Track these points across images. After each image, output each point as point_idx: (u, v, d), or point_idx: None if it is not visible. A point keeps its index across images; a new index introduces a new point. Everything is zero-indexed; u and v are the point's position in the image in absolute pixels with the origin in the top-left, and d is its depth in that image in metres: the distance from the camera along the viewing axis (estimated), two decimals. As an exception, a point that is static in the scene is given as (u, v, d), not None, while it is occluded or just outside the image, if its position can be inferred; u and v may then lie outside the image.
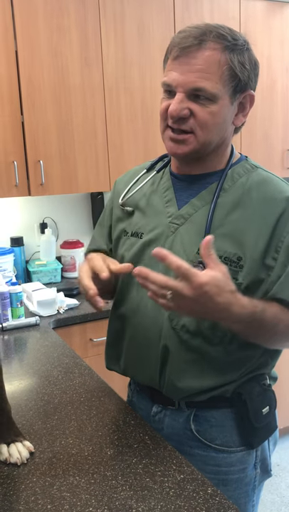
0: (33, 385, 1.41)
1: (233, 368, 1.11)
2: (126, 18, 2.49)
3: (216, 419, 1.16)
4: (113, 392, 1.33)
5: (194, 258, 1.08)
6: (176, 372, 1.12)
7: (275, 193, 1.07)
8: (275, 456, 2.92)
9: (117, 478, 0.97)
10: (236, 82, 1.04)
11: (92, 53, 2.43)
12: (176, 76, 1.03)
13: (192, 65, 1.02)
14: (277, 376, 1.24)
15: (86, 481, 0.96)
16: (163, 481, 0.95)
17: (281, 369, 3.00)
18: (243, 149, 2.95)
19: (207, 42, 1.01)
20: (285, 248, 1.05)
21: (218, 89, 1.02)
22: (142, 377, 1.21)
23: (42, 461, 1.03)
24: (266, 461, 1.22)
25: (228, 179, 1.12)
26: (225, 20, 2.74)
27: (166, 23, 2.60)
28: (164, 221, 1.14)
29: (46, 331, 1.93)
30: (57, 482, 0.96)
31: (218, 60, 1.01)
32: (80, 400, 1.29)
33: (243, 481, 1.18)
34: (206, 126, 1.04)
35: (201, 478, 0.96)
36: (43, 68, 2.32)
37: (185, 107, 1.03)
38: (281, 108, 3.06)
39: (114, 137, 2.55)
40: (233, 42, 1.03)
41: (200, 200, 1.12)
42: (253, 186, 1.09)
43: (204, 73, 1.01)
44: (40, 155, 2.36)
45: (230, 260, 1.05)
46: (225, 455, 1.16)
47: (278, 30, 2.96)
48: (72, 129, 2.43)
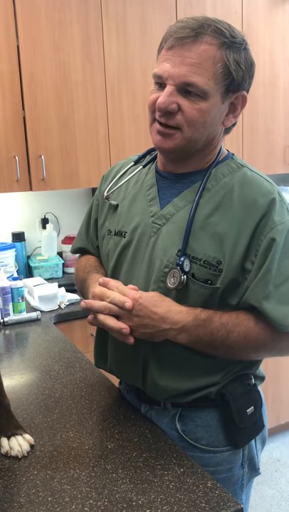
0: (34, 380, 1.41)
1: (216, 369, 1.10)
2: (128, 15, 2.49)
3: (202, 419, 1.15)
4: (114, 387, 1.33)
5: (173, 260, 1.06)
6: (158, 374, 1.11)
7: (257, 195, 1.04)
8: (276, 452, 2.93)
9: (117, 472, 0.97)
10: (230, 81, 1.01)
11: (94, 49, 2.43)
12: (168, 68, 1.00)
13: (186, 57, 0.98)
14: (265, 375, 1.23)
15: (87, 474, 0.97)
16: (163, 475, 0.96)
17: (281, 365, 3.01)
18: (245, 145, 2.94)
19: (204, 35, 0.98)
20: (261, 253, 1.02)
21: (210, 86, 0.99)
22: (127, 377, 1.22)
23: (43, 455, 1.04)
24: (254, 459, 1.21)
25: (212, 178, 1.09)
26: (227, 16, 2.73)
27: (168, 20, 2.58)
28: (147, 221, 1.12)
29: (47, 325, 1.93)
30: (57, 475, 0.97)
31: (213, 56, 0.98)
32: (80, 394, 1.30)
33: (230, 481, 1.17)
34: (193, 124, 1.01)
35: (200, 472, 0.97)
36: (45, 64, 2.32)
37: (174, 101, 1.00)
38: (283, 103, 3.05)
39: (116, 133, 2.54)
40: (230, 39, 0.99)
41: (182, 200, 1.10)
42: (235, 187, 1.06)
43: (197, 68, 0.98)
44: (41, 150, 2.36)
45: (209, 264, 1.04)
46: (211, 455, 1.15)
47: (280, 25, 2.95)
48: (74, 124, 2.43)
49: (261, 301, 1.02)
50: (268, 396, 2.84)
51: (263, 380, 1.22)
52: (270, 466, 2.82)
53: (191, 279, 1.05)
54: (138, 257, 1.13)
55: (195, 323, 1.03)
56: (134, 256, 1.13)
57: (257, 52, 2.85)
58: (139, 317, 1.03)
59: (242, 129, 2.91)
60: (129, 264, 1.14)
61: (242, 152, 2.93)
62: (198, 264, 1.04)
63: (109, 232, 1.21)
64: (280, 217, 1.03)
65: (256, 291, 1.02)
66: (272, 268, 1.01)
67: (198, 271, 1.04)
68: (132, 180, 1.21)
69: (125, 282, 1.12)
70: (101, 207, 1.27)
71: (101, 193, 1.28)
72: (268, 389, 2.83)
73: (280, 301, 1.02)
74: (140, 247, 1.13)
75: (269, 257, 1.01)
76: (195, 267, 1.04)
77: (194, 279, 1.04)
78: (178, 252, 1.06)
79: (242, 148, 2.93)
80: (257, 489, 2.61)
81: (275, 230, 1.02)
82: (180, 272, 1.04)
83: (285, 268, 1.03)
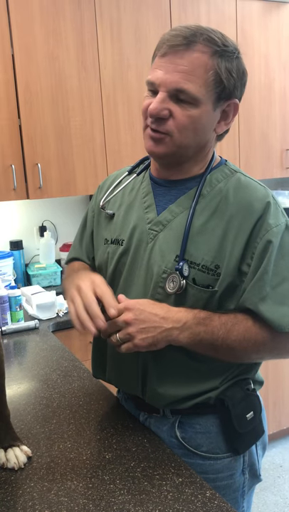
0: (31, 389, 1.40)
1: (215, 374, 1.10)
2: (122, 22, 2.49)
3: (201, 426, 1.14)
4: (112, 396, 1.32)
5: (172, 266, 1.07)
6: (157, 381, 1.11)
7: (252, 199, 1.05)
8: (278, 457, 2.91)
9: (115, 482, 0.96)
10: (221, 89, 1.02)
11: (89, 57, 2.43)
12: (160, 74, 1.01)
13: (178, 64, 0.99)
14: (263, 380, 1.22)
15: (84, 485, 0.96)
16: (161, 485, 0.95)
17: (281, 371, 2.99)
18: (242, 149, 2.94)
19: (196, 44, 0.99)
20: (257, 255, 1.03)
21: (202, 93, 1.00)
22: (125, 386, 1.21)
23: (40, 466, 1.03)
24: (255, 466, 1.20)
25: (207, 184, 1.10)
26: (222, 21, 2.74)
27: (162, 27, 2.59)
28: (144, 227, 1.13)
29: (45, 334, 1.92)
30: (54, 487, 0.96)
31: (205, 64, 0.99)
32: (78, 404, 1.29)
33: (232, 488, 1.16)
34: (183, 130, 1.03)
35: (199, 482, 0.96)
36: (40, 72, 2.32)
37: (165, 107, 1.01)
38: (279, 107, 3.05)
39: (112, 140, 2.54)
40: (222, 48, 1.01)
41: (178, 206, 1.11)
42: (230, 192, 1.07)
43: (189, 75, 0.99)
44: (37, 158, 2.36)
45: (207, 268, 1.05)
46: (211, 462, 1.14)
47: (275, 29, 2.95)
48: (70, 132, 2.43)
49: (257, 304, 1.02)
50: (269, 401, 2.83)
51: (261, 385, 1.21)
52: (273, 472, 2.80)
53: (190, 284, 1.05)
54: (136, 263, 1.13)
55: (195, 320, 1.03)
56: (133, 263, 1.14)
57: (252, 56, 2.85)
58: (140, 321, 1.02)
59: (238, 133, 2.91)
60: (128, 271, 1.14)
61: (239, 157, 2.93)
62: (197, 269, 1.05)
63: (105, 241, 1.20)
64: (275, 220, 1.04)
65: (253, 293, 1.03)
66: (269, 269, 1.02)
67: (197, 276, 1.05)
68: (128, 189, 1.22)
69: (124, 289, 1.13)
70: (97, 217, 1.27)
71: (97, 203, 1.28)
72: (269, 394, 2.82)
73: (278, 302, 1.03)
74: (138, 253, 1.13)
75: (266, 259, 1.02)
76: (193, 271, 1.05)
77: (194, 284, 1.05)
78: (176, 258, 1.07)
79: (239, 152, 2.93)
80: (260, 496, 2.59)
81: (270, 232, 1.03)
82: (179, 276, 1.04)
83: (281, 269, 1.04)
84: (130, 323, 1.02)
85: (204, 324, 1.04)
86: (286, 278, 1.04)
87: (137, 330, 1.01)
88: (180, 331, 1.03)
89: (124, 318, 1.02)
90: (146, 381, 1.13)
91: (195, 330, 1.03)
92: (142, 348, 1.03)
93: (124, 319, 1.02)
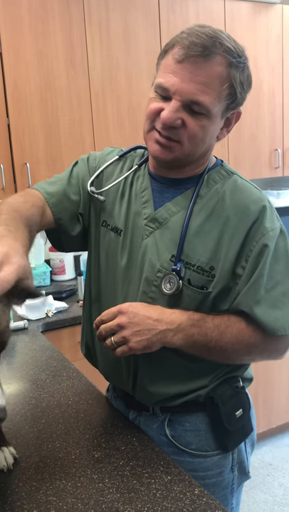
0: (20, 389, 1.40)
1: (205, 372, 1.11)
2: (111, 23, 2.49)
3: (191, 424, 1.15)
4: (101, 395, 1.32)
5: (168, 265, 1.07)
6: (148, 379, 1.11)
7: (248, 202, 1.06)
8: (268, 456, 2.92)
9: (104, 481, 0.96)
10: (232, 100, 1.02)
11: (77, 57, 2.43)
12: (176, 82, 0.98)
13: (196, 75, 0.96)
14: (253, 377, 1.23)
15: (72, 484, 0.96)
16: (150, 483, 0.95)
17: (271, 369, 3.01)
18: (231, 150, 2.96)
19: (216, 55, 0.96)
20: (252, 258, 1.04)
21: (215, 105, 0.99)
22: (116, 381, 1.22)
23: (28, 466, 1.02)
24: (244, 463, 1.21)
25: (204, 185, 1.10)
26: (210, 22, 2.73)
27: (151, 27, 2.60)
28: (140, 223, 1.12)
29: (35, 334, 1.92)
30: (43, 486, 0.95)
31: (221, 76, 0.98)
32: (67, 403, 1.29)
33: (221, 485, 1.17)
34: (194, 139, 1.02)
35: (188, 479, 0.96)
36: (29, 71, 2.32)
37: (179, 117, 0.99)
38: (268, 108, 3.07)
39: (102, 140, 2.54)
40: (237, 59, 0.99)
41: (175, 206, 1.10)
42: (227, 194, 1.08)
43: (205, 87, 0.97)
44: (26, 157, 2.35)
45: (202, 269, 1.05)
46: (201, 459, 1.15)
47: (263, 30, 2.97)
48: (59, 132, 2.43)
49: (252, 307, 1.03)
50: (259, 399, 2.84)
51: (250, 382, 1.23)
52: (262, 470, 2.81)
53: (185, 284, 1.06)
54: (132, 258, 1.13)
55: (189, 322, 1.04)
56: (129, 258, 1.13)
57: (240, 57, 2.86)
58: (134, 323, 1.02)
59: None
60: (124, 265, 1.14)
61: (228, 156, 2.94)
62: (192, 270, 1.06)
63: (105, 223, 1.18)
64: (271, 224, 1.05)
65: (248, 296, 1.04)
66: (264, 273, 1.03)
67: (192, 277, 1.06)
68: (128, 179, 1.18)
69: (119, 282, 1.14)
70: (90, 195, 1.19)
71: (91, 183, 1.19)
72: (259, 392, 2.83)
73: (271, 305, 1.04)
74: (133, 248, 1.13)
75: (261, 263, 1.03)
76: (188, 272, 1.06)
77: (189, 285, 1.06)
78: (172, 258, 1.07)
79: (228, 152, 2.95)
80: (249, 494, 2.61)
81: (266, 236, 1.04)
82: (176, 277, 1.05)
83: (276, 273, 1.05)
84: (124, 327, 1.02)
85: (198, 326, 1.04)
86: (280, 282, 1.05)
87: (131, 333, 1.02)
88: (174, 333, 1.04)
89: (118, 321, 1.02)
90: (136, 379, 1.13)
91: (189, 331, 1.04)
92: (137, 351, 1.03)
93: (118, 323, 1.02)
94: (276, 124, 3.12)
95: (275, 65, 3.05)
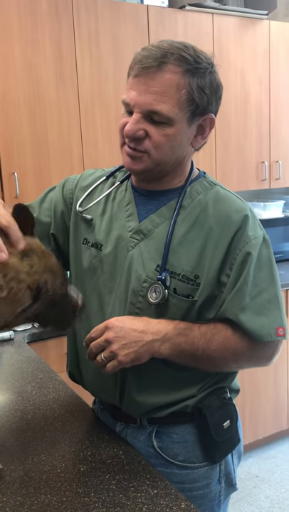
0: (5, 401, 1.38)
1: (193, 382, 1.12)
2: (100, 34, 2.51)
3: (178, 435, 1.15)
4: (88, 407, 1.31)
5: (153, 275, 1.08)
6: (136, 389, 1.11)
7: (230, 211, 1.08)
8: (254, 467, 2.91)
9: (89, 495, 0.95)
10: (194, 107, 1.03)
11: (67, 68, 2.44)
12: (134, 96, 1.03)
13: (150, 86, 1.00)
14: (240, 388, 1.24)
15: (58, 499, 0.94)
16: (136, 497, 0.94)
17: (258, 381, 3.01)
18: (218, 162, 2.98)
19: (167, 64, 1.00)
20: (236, 266, 1.06)
21: (175, 112, 1.01)
22: (103, 393, 1.21)
23: (13, 480, 1.01)
24: (231, 475, 1.21)
25: (187, 196, 1.12)
26: (198, 36, 2.78)
27: (140, 40, 2.62)
28: (125, 235, 1.14)
29: (20, 345, 1.90)
30: (28, 501, 0.94)
31: (176, 84, 1.00)
32: (53, 416, 1.27)
33: (208, 497, 1.17)
34: (160, 148, 1.04)
35: (174, 493, 0.95)
36: (17, 81, 2.32)
37: (141, 128, 1.03)
38: (255, 120, 3.11)
39: (90, 152, 2.55)
40: (194, 65, 1.01)
41: (159, 217, 1.12)
42: (209, 204, 1.10)
43: (161, 96, 1.00)
44: (14, 167, 2.35)
45: (187, 278, 1.07)
46: (188, 471, 1.15)
47: (250, 44, 3.02)
48: (48, 142, 2.43)
49: (238, 314, 1.05)
50: (246, 411, 2.84)
51: (237, 393, 1.23)
52: (249, 482, 2.80)
53: (171, 293, 1.07)
54: (116, 271, 1.14)
55: (175, 331, 1.05)
56: (113, 270, 1.14)
57: (228, 70, 2.90)
58: (120, 337, 1.03)
59: (215, 146, 2.95)
60: (108, 278, 1.14)
61: (215, 169, 2.97)
62: (177, 279, 1.07)
63: (86, 241, 1.19)
64: (253, 232, 1.07)
65: (233, 304, 1.05)
66: (249, 280, 1.05)
67: (178, 286, 1.07)
68: (110, 196, 1.21)
69: (104, 296, 1.14)
70: (72, 217, 1.23)
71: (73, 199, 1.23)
72: (246, 404, 2.83)
73: (256, 312, 1.06)
74: (118, 261, 1.13)
75: (245, 270, 1.05)
76: (174, 281, 1.07)
77: (175, 294, 1.07)
78: (157, 267, 1.08)
79: (215, 164, 2.97)
80: (236, 506, 2.59)
81: (249, 244, 1.06)
82: (162, 286, 1.06)
83: (260, 280, 1.07)
84: (111, 341, 1.03)
85: (184, 335, 1.05)
86: (264, 289, 1.07)
87: (118, 347, 1.03)
88: (161, 343, 1.04)
89: (106, 337, 1.03)
90: (124, 389, 1.13)
91: (176, 341, 1.05)
92: (127, 364, 1.04)
93: (106, 338, 1.03)
94: (263, 136, 3.15)
95: (262, 79, 3.09)
